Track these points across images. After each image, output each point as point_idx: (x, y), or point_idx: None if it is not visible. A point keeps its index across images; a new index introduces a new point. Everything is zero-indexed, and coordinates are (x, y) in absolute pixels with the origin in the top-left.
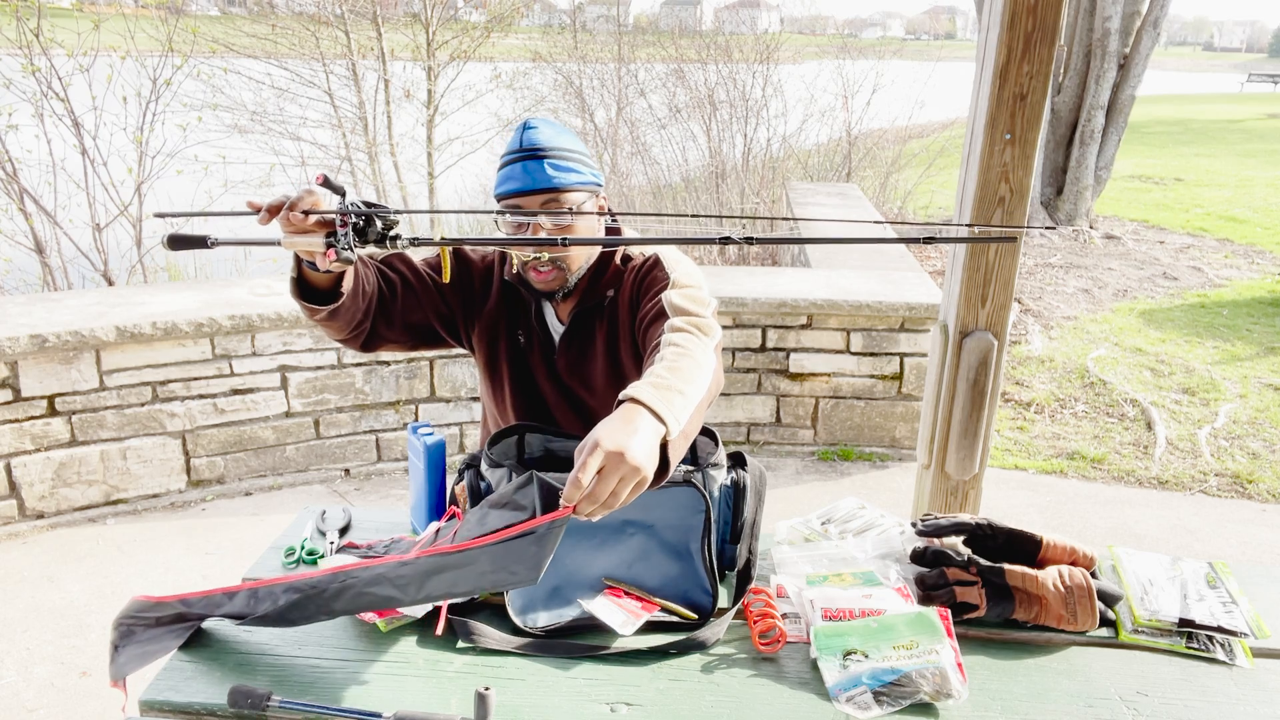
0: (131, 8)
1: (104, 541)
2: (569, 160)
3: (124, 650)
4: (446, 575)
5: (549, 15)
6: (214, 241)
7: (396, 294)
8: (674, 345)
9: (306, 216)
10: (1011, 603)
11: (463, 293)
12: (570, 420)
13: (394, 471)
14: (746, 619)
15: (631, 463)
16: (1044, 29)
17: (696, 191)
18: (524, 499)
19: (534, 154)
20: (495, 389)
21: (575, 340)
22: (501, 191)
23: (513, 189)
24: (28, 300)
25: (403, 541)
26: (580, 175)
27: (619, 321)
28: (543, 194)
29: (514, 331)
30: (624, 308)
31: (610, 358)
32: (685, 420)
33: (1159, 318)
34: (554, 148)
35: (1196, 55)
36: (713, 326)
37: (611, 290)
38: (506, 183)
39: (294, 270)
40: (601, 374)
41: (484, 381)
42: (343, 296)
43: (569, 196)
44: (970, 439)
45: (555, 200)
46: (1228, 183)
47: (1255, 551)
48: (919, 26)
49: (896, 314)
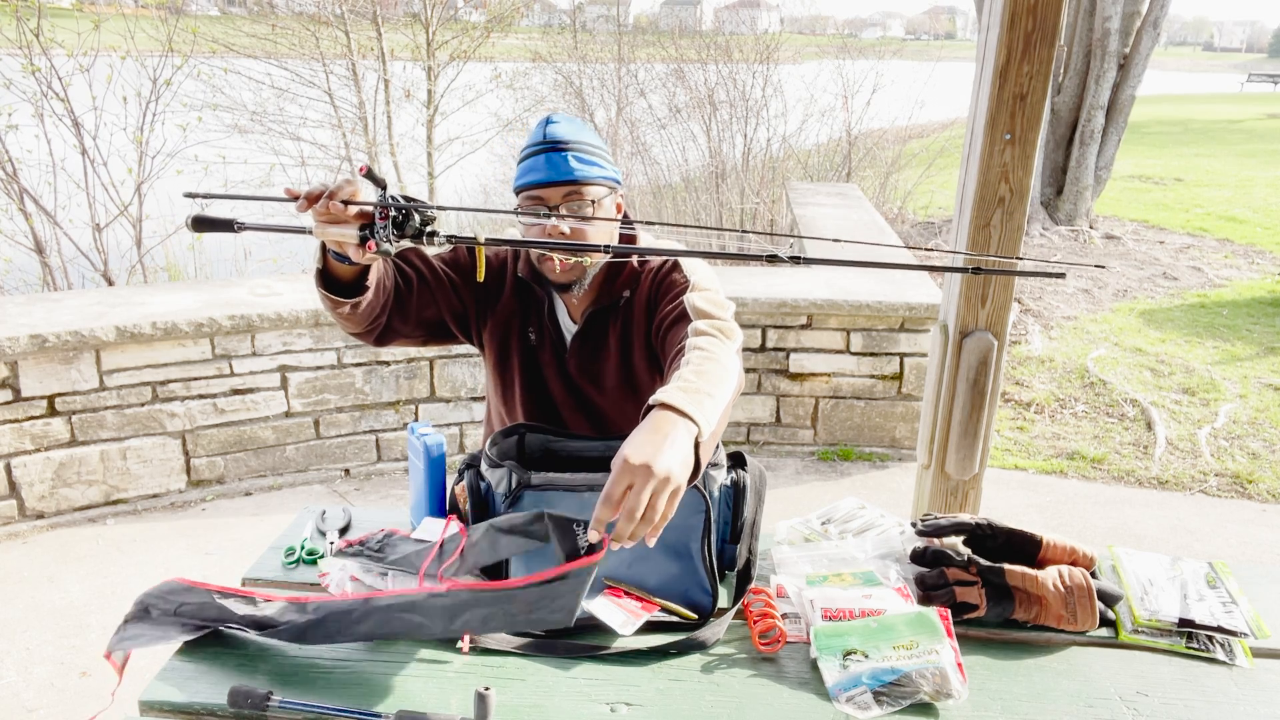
0: (131, 8)
1: (104, 541)
2: (591, 154)
3: (131, 625)
4: (479, 611)
5: (549, 15)
6: (240, 226)
7: (413, 289)
8: (699, 349)
9: (345, 207)
10: (1011, 603)
11: (477, 289)
12: (577, 419)
13: (394, 471)
14: (746, 619)
15: (661, 474)
16: (1044, 29)
17: (696, 191)
18: (537, 530)
19: (557, 146)
20: (504, 386)
21: (588, 339)
22: (523, 183)
23: (535, 180)
24: (28, 300)
25: (395, 536)
26: (602, 170)
27: (634, 322)
28: (565, 185)
29: (525, 328)
30: (640, 309)
31: (623, 357)
32: (714, 422)
33: (1159, 318)
34: (577, 141)
35: (1196, 55)
36: (734, 330)
37: (627, 291)
38: (529, 174)
39: (319, 261)
40: (613, 373)
41: (492, 378)
42: (368, 290)
43: (590, 189)
44: (970, 439)
45: (577, 193)
46: (1228, 183)
47: (1255, 551)
48: (919, 26)
49: (896, 314)
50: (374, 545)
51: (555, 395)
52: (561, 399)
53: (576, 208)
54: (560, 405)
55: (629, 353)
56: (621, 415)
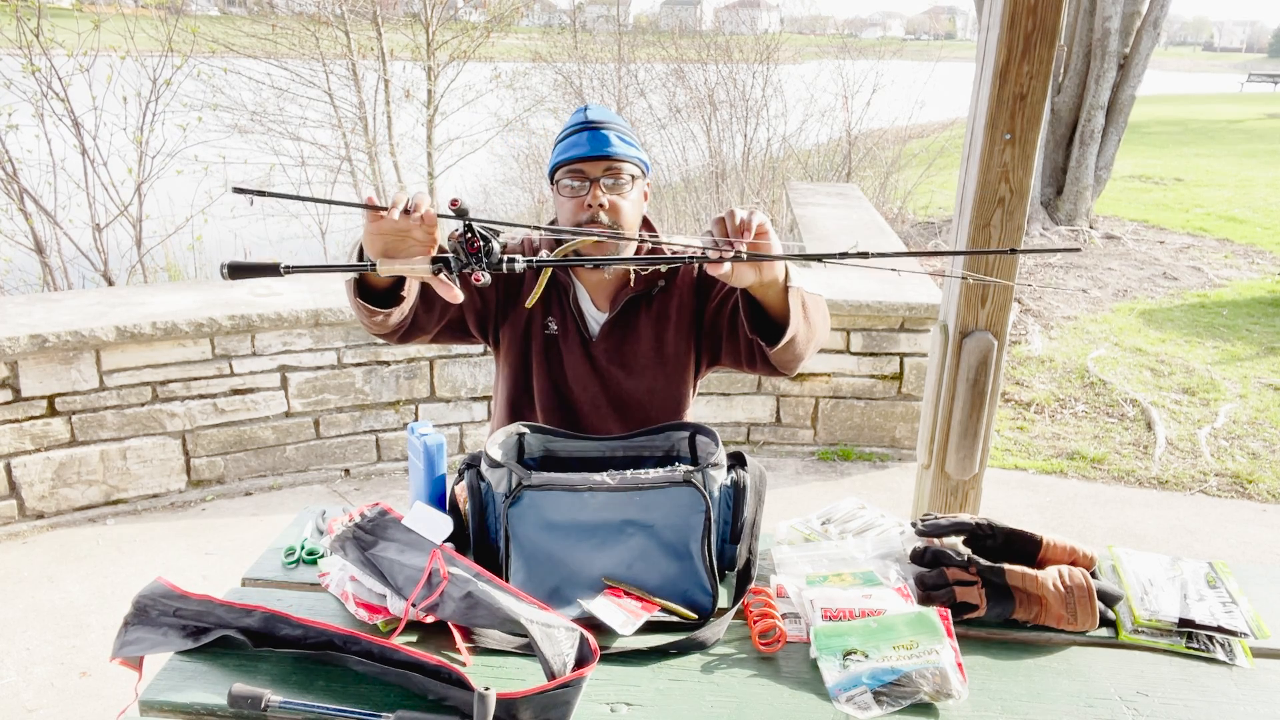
0: (131, 8)
1: (104, 541)
2: (628, 136)
3: (133, 629)
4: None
5: (549, 15)
6: (288, 269)
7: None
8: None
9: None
10: (1011, 603)
11: (500, 287)
12: (596, 408)
13: (394, 471)
14: (746, 619)
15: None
16: (1044, 29)
17: (696, 192)
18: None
19: (598, 125)
20: (522, 378)
21: (619, 325)
22: (564, 158)
23: (576, 154)
24: (28, 300)
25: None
26: (638, 153)
27: (671, 307)
28: (604, 160)
29: (545, 319)
30: (685, 292)
31: (656, 340)
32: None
33: (1159, 318)
34: (615, 123)
35: (1196, 55)
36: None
37: (662, 281)
38: (569, 150)
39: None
40: (645, 354)
41: (506, 373)
42: (404, 299)
43: (626, 166)
44: (970, 439)
45: (615, 168)
46: (1228, 183)
47: (1255, 551)
48: (919, 26)
49: (896, 314)
50: (366, 525)
51: (576, 383)
52: (582, 387)
53: (613, 182)
54: (580, 393)
55: (662, 335)
56: (650, 396)
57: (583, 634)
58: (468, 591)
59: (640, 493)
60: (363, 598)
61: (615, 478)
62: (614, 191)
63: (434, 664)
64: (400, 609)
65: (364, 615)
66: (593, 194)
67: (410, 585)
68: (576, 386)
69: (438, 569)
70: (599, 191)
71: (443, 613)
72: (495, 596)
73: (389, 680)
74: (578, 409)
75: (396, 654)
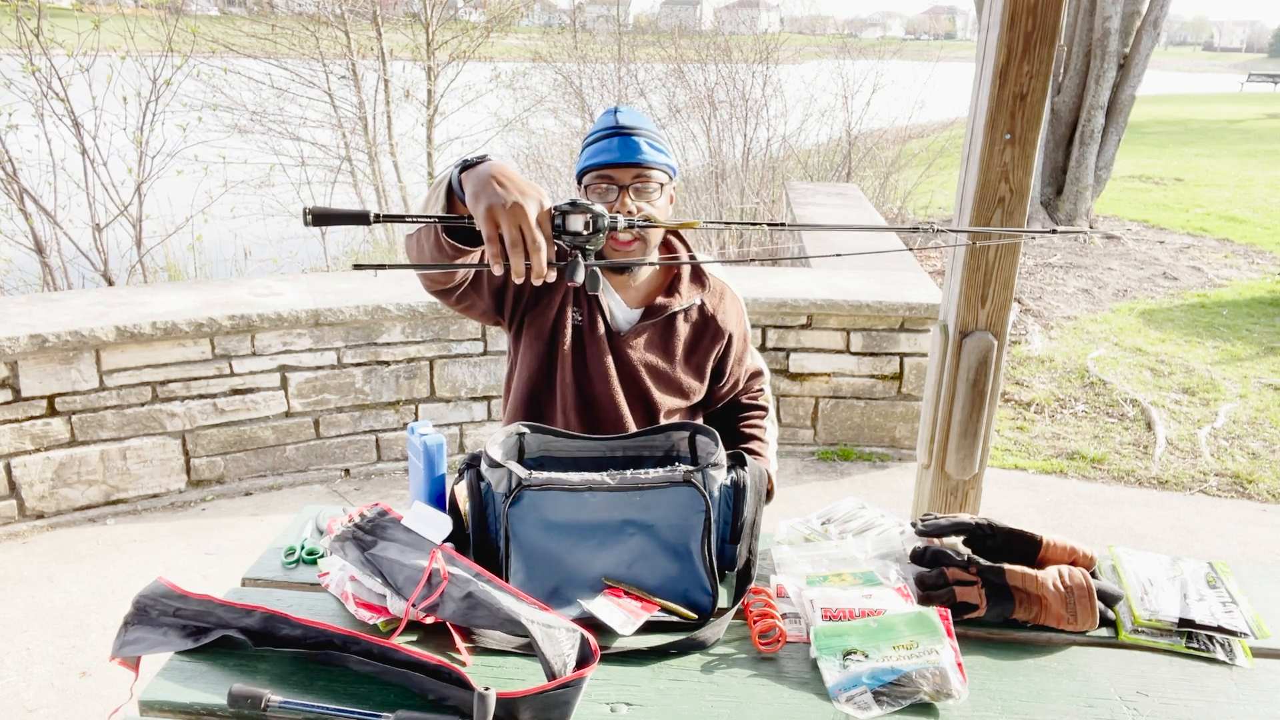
0: (131, 8)
1: (104, 542)
2: (657, 142)
3: (133, 629)
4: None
5: (549, 15)
6: (378, 217)
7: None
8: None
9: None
10: (1011, 603)
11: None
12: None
13: (394, 471)
14: (746, 619)
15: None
16: (1044, 29)
17: (696, 191)
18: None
19: (628, 131)
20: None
21: (653, 326)
22: (594, 163)
23: (607, 160)
24: (28, 300)
25: (388, 516)
26: (666, 159)
27: (709, 330)
28: (634, 168)
29: (572, 309)
30: (720, 323)
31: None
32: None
33: (1159, 318)
34: (644, 129)
35: (1196, 55)
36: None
37: (698, 297)
38: (600, 155)
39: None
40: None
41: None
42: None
43: (655, 174)
44: (970, 439)
45: (644, 175)
46: (1228, 183)
47: (1255, 551)
48: (919, 26)
49: (896, 314)
50: (366, 525)
51: (598, 376)
52: (604, 379)
53: (643, 189)
54: (601, 385)
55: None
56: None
57: (584, 634)
58: (468, 592)
59: (640, 493)
60: (363, 598)
61: (615, 477)
62: (643, 198)
63: (434, 664)
64: (400, 609)
65: (364, 615)
66: (621, 201)
67: (410, 585)
68: (598, 379)
69: (438, 569)
70: (628, 199)
71: (443, 613)
72: (495, 597)
73: (389, 680)
74: (597, 402)
75: (396, 654)
